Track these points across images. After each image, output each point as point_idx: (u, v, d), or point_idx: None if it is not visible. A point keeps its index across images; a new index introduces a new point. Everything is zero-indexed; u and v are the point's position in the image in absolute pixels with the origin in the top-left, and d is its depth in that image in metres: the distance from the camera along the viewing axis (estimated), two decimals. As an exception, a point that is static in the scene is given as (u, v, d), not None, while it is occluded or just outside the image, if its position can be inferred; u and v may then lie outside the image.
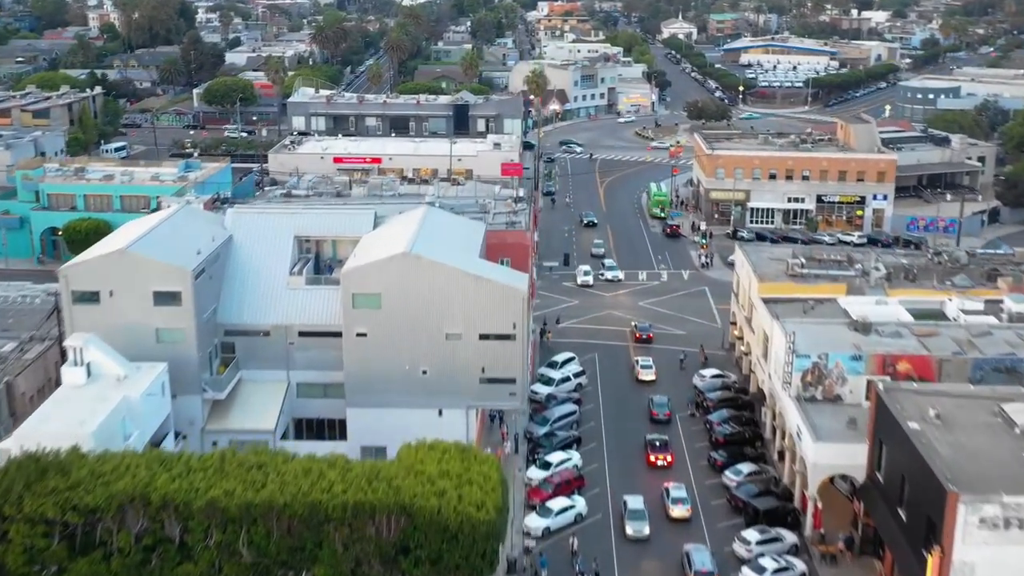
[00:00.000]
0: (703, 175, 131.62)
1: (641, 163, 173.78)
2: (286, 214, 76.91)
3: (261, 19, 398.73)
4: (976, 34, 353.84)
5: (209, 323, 69.75)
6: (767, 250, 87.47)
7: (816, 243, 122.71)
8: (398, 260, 66.29)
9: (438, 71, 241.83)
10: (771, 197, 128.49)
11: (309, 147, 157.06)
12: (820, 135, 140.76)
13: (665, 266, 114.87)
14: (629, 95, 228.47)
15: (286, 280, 72.85)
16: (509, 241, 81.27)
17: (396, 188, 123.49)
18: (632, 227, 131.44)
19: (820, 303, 77.39)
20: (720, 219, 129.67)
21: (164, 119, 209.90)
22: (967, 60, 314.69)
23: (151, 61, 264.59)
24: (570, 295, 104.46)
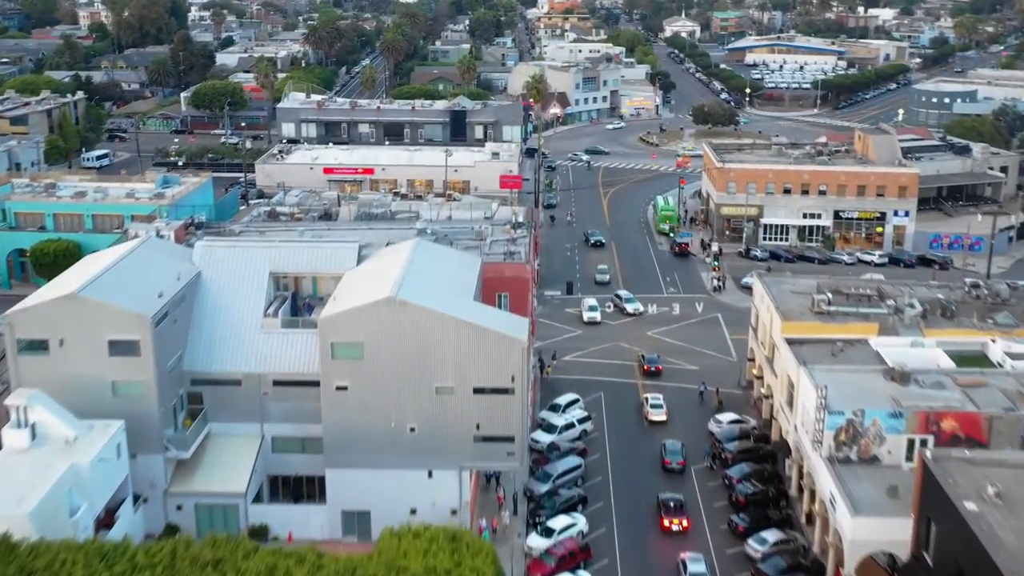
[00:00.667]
0: (713, 189, 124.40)
1: (646, 171, 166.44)
2: (261, 247, 69.62)
3: (255, 17, 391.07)
4: (986, 32, 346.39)
5: (173, 373, 62.62)
6: (788, 282, 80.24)
7: (834, 262, 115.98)
8: (382, 306, 59.08)
9: (435, 72, 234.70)
10: (785, 213, 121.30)
11: (298, 156, 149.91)
12: (836, 145, 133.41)
13: (674, 289, 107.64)
14: (632, 98, 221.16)
15: (260, 322, 65.70)
16: (507, 275, 74.07)
17: (388, 205, 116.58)
18: (638, 245, 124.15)
19: (850, 345, 70.23)
20: (731, 236, 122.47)
21: (151, 124, 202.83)
22: (978, 60, 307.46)
23: (140, 61, 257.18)
24: (572, 324, 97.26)
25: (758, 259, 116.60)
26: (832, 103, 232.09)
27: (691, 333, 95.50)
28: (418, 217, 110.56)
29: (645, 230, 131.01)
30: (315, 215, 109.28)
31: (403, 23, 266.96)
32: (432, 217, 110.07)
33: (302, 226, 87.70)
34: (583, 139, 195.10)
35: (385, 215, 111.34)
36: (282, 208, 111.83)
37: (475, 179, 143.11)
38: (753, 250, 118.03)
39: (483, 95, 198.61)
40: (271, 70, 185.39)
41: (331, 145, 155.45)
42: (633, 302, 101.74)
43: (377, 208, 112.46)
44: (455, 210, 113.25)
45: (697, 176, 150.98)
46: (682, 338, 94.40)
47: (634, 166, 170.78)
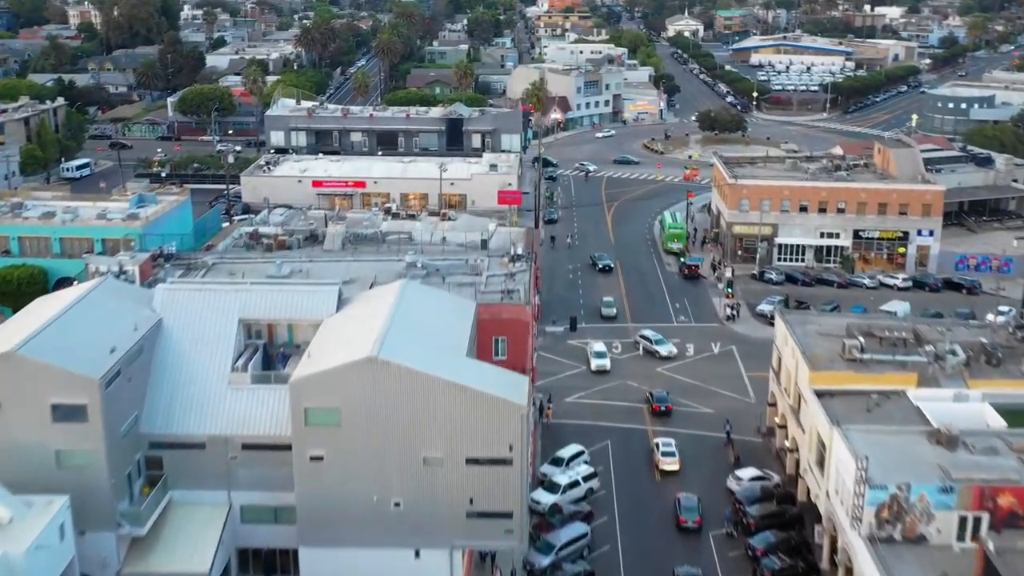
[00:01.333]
0: (724, 206, 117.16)
1: (651, 182, 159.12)
2: (229, 291, 62.34)
3: (249, 16, 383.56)
4: (995, 31, 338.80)
5: (128, 437, 55.47)
6: (813, 320, 73.09)
7: (854, 286, 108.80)
8: (362, 367, 51.90)
9: (432, 75, 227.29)
10: (801, 232, 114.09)
11: (286, 168, 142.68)
12: (855, 159, 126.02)
13: (685, 318, 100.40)
14: (635, 102, 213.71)
15: (227, 377, 58.55)
16: (505, 317, 66.82)
17: (378, 225, 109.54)
18: (645, 267, 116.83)
19: (886, 397, 63.11)
20: (744, 256, 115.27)
21: (136, 130, 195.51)
22: (989, 60, 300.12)
23: (128, 63, 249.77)
24: (575, 358, 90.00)
25: (773, 282, 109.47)
26: (842, 107, 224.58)
27: (704, 369, 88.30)
28: (410, 239, 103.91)
29: (651, 249, 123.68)
30: (300, 237, 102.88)
31: (399, 23, 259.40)
32: (425, 239, 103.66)
33: (281, 256, 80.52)
34: (584, 146, 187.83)
35: (375, 237, 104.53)
36: (265, 229, 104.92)
37: (472, 193, 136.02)
38: (767, 272, 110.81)
39: (481, 100, 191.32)
40: (260, 75, 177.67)
41: (321, 156, 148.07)
42: (665, 343, 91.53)
43: (367, 229, 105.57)
44: (449, 231, 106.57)
45: (706, 187, 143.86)
46: (694, 375, 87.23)
47: (638, 176, 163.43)
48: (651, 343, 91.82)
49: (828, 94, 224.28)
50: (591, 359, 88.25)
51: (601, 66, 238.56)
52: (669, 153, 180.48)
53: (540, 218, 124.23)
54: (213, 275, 74.82)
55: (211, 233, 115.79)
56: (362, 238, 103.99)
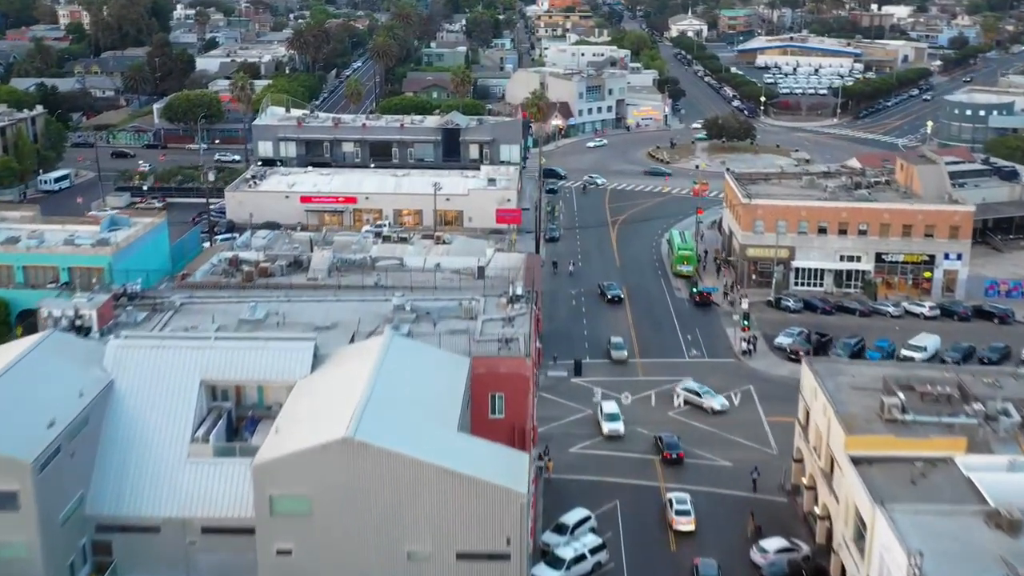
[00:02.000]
0: (737, 227, 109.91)
1: (658, 195, 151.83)
2: (191, 348, 55.13)
3: (244, 15, 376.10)
4: (1006, 31, 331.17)
5: (71, 522, 48.57)
6: (845, 371, 65.88)
7: (878, 314, 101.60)
8: (335, 450, 44.85)
9: (429, 79, 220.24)
10: (820, 255, 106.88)
11: (273, 183, 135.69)
12: (875, 173, 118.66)
13: (697, 352, 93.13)
14: (639, 107, 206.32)
15: (186, 449, 51.51)
16: (503, 372, 59.74)
17: (367, 250, 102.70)
18: (653, 292, 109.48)
19: (932, 465, 55.94)
20: (759, 280, 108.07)
21: (121, 137, 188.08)
22: (1001, 62, 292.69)
23: (116, 66, 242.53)
24: (580, 400, 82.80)
25: (790, 310, 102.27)
26: (852, 111, 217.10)
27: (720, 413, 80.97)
28: (401, 264, 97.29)
29: (659, 271, 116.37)
30: (283, 264, 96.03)
31: (395, 25, 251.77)
32: (417, 265, 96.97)
33: (256, 294, 73.32)
34: (587, 155, 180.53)
35: (364, 263, 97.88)
36: (246, 254, 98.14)
37: (469, 209, 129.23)
38: (784, 299, 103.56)
39: (479, 107, 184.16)
40: (247, 82, 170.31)
41: (310, 169, 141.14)
42: (713, 395, 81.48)
43: (355, 254, 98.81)
44: (443, 256, 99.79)
45: (716, 200, 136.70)
46: (709, 419, 79.99)
47: (643, 188, 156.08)
48: (697, 395, 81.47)
49: (838, 99, 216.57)
50: (602, 422, 77.52)
51: (603, 68, 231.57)
52: (675, 162, 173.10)
53: (541, 239, 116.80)
54: (181, 316, 68.01)
55: (191, 255, 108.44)
56: (350, 264, 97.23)
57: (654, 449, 75.20)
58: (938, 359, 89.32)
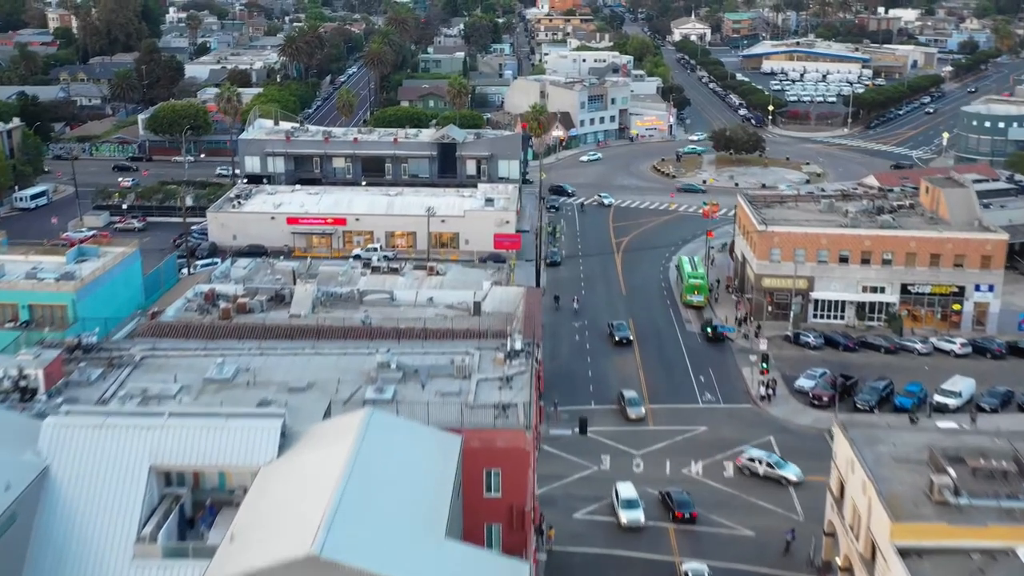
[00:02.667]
0: (752, 255, 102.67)
1: (664, 212, 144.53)
2: (139, 427, 47.84)
3: (238, 18, 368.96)
4: (1016, 35, 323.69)
5: (-10, 641, 41.25)
6: (884, 437, 58.64)
7: (904, 351, 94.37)
8: (299, 570, 37.55)
9: (425, 87, 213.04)
10: (841, 286, 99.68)
11: (258, 202, 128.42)
12: (898, 195, 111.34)
13: (711, 396, 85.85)
14: (643, 117, 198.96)
15: (131, 549, 44.31)
16: (500, 445, 52.52)
17: (355, 281, 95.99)
18: (661, 324, 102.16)
19: (992, 558, 48.82)
20: (775, 312, 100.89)
21: (104, 149, 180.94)
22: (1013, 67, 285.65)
23: (103, 73, 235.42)
24: (584, 454, 75.52)
25: (810, 346, 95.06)
26: (863, 121, 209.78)
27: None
28: (391, 299, 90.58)
29: (668, 300, 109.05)
30: (264, 299, 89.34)
31: (390, 31, 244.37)
32: (408, 299, 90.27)
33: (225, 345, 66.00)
34: (590, 168, 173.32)
35: (351, 297, 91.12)
36: (224, 287, 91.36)
37: (465, 231, 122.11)
38: (804, 335, 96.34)
39: (477, 119, 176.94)
40: (234, 93, 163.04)
41: (298, 187, 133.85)
42: (787, 466, 71.91)
43: (341, 287, 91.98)
44: (437, 289, 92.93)
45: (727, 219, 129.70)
46: (729, 480, 72.78)
47: (649, 205, 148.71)
48: (770, 467, 72.09)
49: (849, 107, 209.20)
50: (619, 510, 67.11)
51: (605, 75, 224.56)
52: (681, 177, 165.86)
53: (541, 266, 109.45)
54: (141, 373, 60.93)
55: (167, 285, 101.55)
56: (335, 298, 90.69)
57: (662, 507, 67.96)
58: (973, 405, 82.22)
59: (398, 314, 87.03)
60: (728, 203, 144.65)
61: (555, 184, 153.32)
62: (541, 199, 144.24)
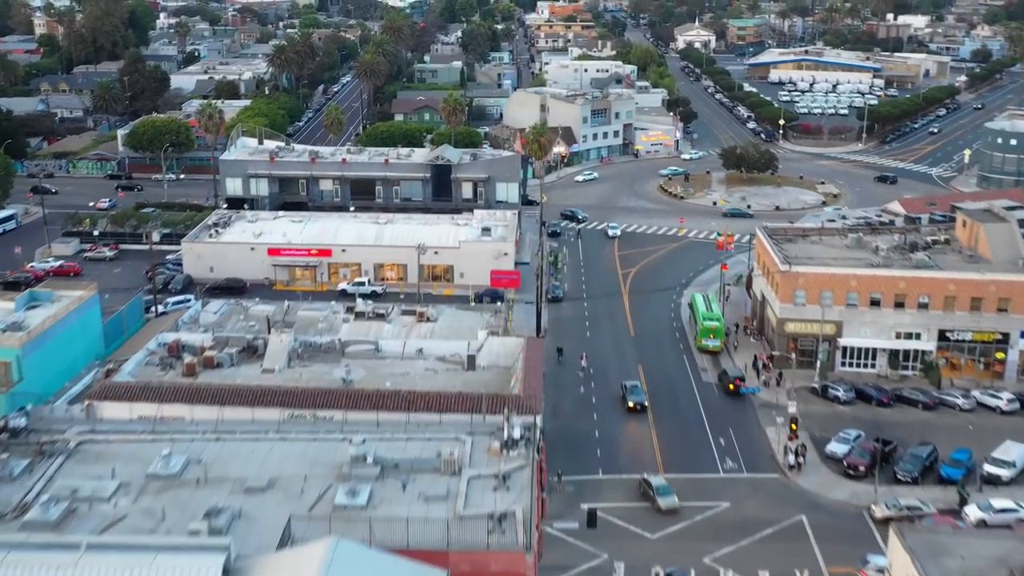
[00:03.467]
0: (774, 296, 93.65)
1: (672, 238, 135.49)
2: (50, 569, 38.70)
3: (231, 24, 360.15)
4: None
5: None
6: (951, 547, 49.60)
7: (944, 406, 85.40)
8: None
9: (420, 98, 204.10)
10: (872, 331, 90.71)
11: (237, 231, 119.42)
12: (932, 230, 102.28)
13: (733, 463, 76.71)
14: (648, 131, 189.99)
15: None
16: (494, 570, 43.64)
17: (337, 328, 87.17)
18: (675, 375, 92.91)
19: None
20: (799, 360, 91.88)
21: (83, 166, 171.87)
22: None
23: (86, 83, 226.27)
24: (592, 541, 66.38)
25: (840, 401, 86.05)
26: (878, 135, 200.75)
27: (768, 557, 64.68)
28: (376, 350, 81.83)
29: (681, 344, 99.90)
30: (234, 351, 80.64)
31: (384, 40, 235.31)
32: (395, 350, 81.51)
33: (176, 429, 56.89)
34: (593, 187, 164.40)
35: (332, 348, 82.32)
36: (191, 336, 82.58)
37: (460, 263, 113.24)
38: (832, 387, 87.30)
39: (474, 136, 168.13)
40: (216, 110, 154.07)
41: (280, 214, 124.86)
42: None
43: (321, 336, 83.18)
44: (427, 339, 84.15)
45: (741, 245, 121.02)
46: (753, 568, 63.68)
47: (656, 230, 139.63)
48: None
49: (863, 121, 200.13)
50: None
51: (608, 86, 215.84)
52: (690, 197, 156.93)
53: (542, 308, 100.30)
54: (76, 463, 51.97)
55: (132, 330, 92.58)
56: (314, 349, 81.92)
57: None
58: (1029, 476, 73.33)
59: (384, 368, 78.16)
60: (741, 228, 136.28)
61: (566, 209, 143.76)
62: (542, 224, 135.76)
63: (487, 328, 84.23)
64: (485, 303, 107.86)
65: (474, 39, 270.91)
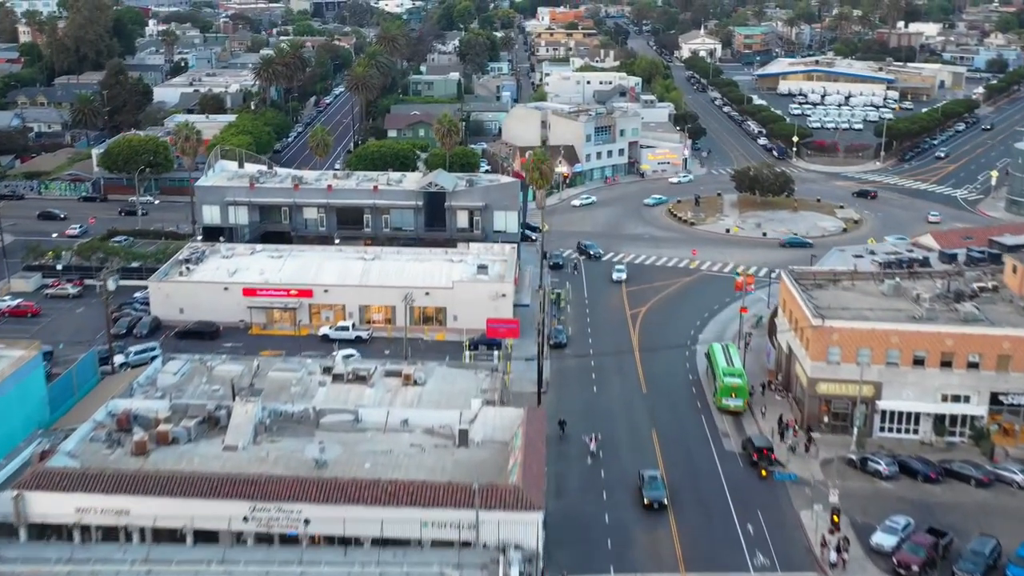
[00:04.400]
0: (804, 353, 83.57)
1: (684, 272, 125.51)
2: None
3: (222, 31, 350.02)
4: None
5: None
6: None
7: (1000, 482, 75.27)
8: None
9: (415, 113, 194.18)
10: (915, 393, 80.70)
11: (211, 269, 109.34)
12: (976, 275, 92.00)
13: (764, 558, 66.47)
14: (655, 150, 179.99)
15: None
16: None
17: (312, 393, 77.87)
18: (692, 443, 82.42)
19: None
20: (833, 424, 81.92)
21: (55, 188, 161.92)
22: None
23: (66, 96, 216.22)
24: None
25: (881, 476, 75.94)
26: (897, 153, 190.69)
27: None
28: (356, 421, 72.55)
29: (698, 402, 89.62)
30: (193, 424, 71.36)
31: (378, 51, 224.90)
32: (378, 421, 72.36)
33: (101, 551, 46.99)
34: (597, 211, 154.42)
35: (305, 418, 73.07)
36: (144, 404, 73.31)
37: (454, 305, 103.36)
38: (872, 459, 77.20)
39: (471, 156, 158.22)
40: (193, 132, 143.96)
41: (258, 248, 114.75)
42: None
43: (294, 404, 73.76)
44: (414, 408, 74.68)
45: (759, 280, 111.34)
46: None
47: (667, 262, 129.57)
48: None
49: (881, 138, 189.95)
50: None
51: (611, 98, 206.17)
52: (701, 223, 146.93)
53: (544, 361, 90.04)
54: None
55: (83, 390, 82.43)
56: (286, 420, 72.66)
57: None
58: (1107, 576, 63.23)
59: (364, 444, 68.60)
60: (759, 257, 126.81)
61: (581, 243, 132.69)
62: (543, 256, 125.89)
63: (481, 394, 74.54)
64: (481, 351, 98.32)
65: (472, 49, 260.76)
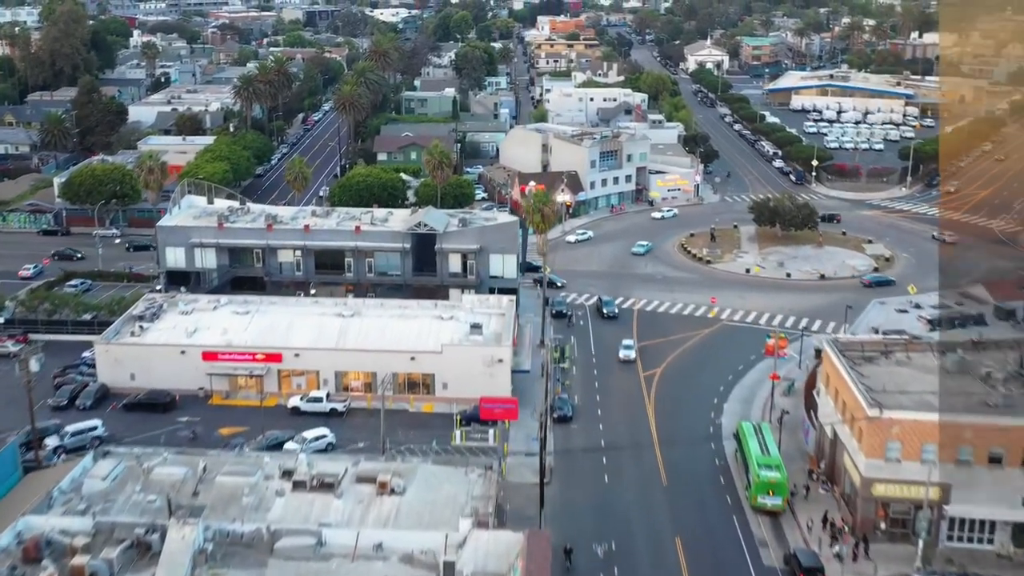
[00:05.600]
0: (856, 447, 70.49)
1: (703, 322, 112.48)
2: None
3: (210, 42, 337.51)
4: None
5: None
6: None
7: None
8: None
9: (407, 134, 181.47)
10: (990, 498, 67.76)
11: (168, 326, 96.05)
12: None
13: None
14: (664, 176, 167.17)
15: None
16: None
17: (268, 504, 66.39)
18: (724, 555, 68.84)
19: None
20: (891, 531, 68.92)
21: (13, 220, 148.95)
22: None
23: (36, 115, 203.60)
24: None
25: (957, 605, 63.00)
26: (923, 177, 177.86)
27: None
28: (320, 545, 59.79)
29: (728, 496, 76.37)
30: (116, 553, 58.56)
31: (368, 67, 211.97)
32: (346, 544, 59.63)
33: None
34: (601, 246, 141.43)
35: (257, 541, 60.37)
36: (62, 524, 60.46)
37: (443, 372, 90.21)
38: None
39: (465, 187, 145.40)
40: (158, 164, 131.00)
41: (224, 301, 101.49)
42: None
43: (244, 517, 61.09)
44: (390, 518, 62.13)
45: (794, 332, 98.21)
46: None
47: (682, 309, 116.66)
48: None
49: (908, 161, 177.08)
50: None
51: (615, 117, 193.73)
52: (718, 261, 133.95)
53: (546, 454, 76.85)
54: None
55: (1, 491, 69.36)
56: (232, 543, 59.85)
57: None
58: None
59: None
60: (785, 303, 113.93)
61: (600, 299, 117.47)
62: (545, 302, 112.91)
63: (472, 504, 61.67)
64: (474, 427, 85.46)
65: (468, 63, 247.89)
